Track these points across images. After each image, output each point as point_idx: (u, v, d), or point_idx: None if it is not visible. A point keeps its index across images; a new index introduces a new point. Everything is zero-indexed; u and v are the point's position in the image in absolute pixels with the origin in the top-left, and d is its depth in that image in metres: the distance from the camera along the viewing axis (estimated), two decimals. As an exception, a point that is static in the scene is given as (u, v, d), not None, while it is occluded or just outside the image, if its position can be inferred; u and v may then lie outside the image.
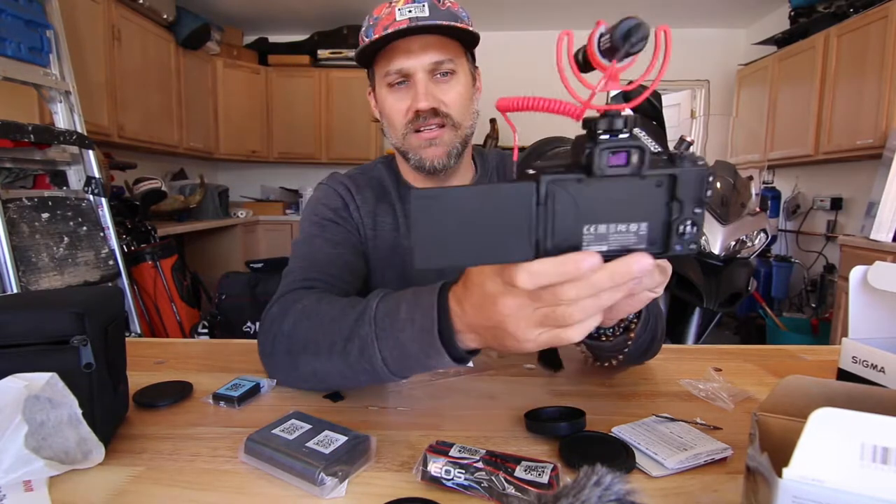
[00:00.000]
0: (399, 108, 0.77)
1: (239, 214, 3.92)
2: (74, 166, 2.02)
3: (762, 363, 0.80)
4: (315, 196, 0.86)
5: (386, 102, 0.79)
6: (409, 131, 0.78)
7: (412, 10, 0.73)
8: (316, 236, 0.80)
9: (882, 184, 2.58)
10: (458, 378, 0.71)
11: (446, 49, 0.75)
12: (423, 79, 0.75)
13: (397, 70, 0.75)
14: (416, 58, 0.74)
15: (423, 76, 0.75)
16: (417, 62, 0.74)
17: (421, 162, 0.79)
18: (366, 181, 0.87)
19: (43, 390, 0.45)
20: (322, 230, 0.80)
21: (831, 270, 3.17)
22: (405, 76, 0.76)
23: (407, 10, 0.73)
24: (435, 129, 0.77)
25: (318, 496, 0.44)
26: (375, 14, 0.76)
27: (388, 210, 0.85)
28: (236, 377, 0.68)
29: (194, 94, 3.72)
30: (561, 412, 0.57)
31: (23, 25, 1.78)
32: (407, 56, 0.74)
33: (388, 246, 0.84)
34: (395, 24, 0.73)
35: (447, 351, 0.47)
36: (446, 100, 0.76)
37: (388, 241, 0.84)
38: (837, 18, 2.99)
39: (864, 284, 0.65)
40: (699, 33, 4.38)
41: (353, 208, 0.84)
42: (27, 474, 0.42)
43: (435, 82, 0.76)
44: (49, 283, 1.69)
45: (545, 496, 0.33)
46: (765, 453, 0.33)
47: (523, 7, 3.93)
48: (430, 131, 0.77)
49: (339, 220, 0.82)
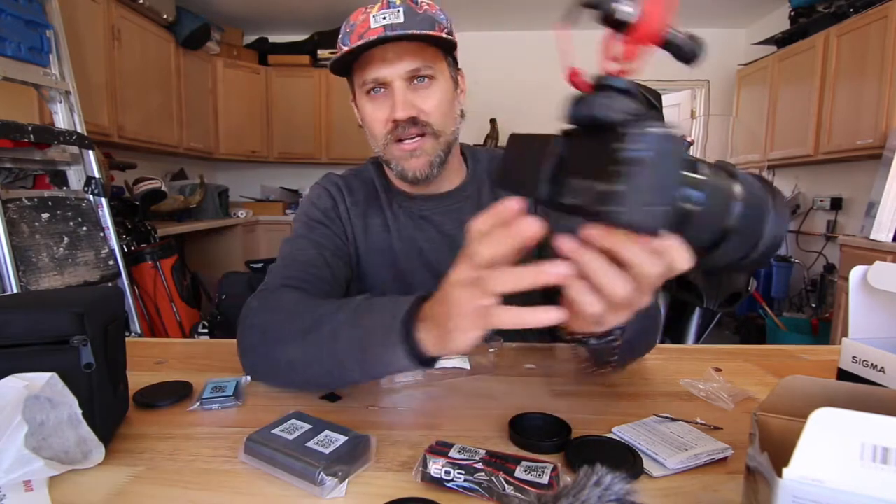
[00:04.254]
0: (378, 116, 0.76)
1: (239, 214, 3.92)
2: (74, 166, 2.02)
3: (762, 363, 0.80)
4: (307, 196, 0.87)
5: (365, 111, 0.78)
6: (390, 141, 0.76)
7: (387, 16, 0.71)
8: (302, 237, 0.80)
9: (882, 184, 2.58)
10: (458, 379, 0.71)
11: (423, 55, 0.74)
12: (401, 87, 0.73)
13: (373, 79, 0.74)
14: (392, 66, 0.73)
15: (401, 84, 0.73)
16: (393, 70, 0.73)
17: (403, 173, 0.78)
18: (358, 182, 0.87)
19: (43, 390, 0.45)
20: (309, 231, 0.81)
21: (831, 270, 3.17)
22: (382, 84, 0.75)
23: (382, 17, 0.71)
24: (416, 139, 0.75)
25: (318, 496, 0.44)
26: (352, 20, 0.75)
27: (378, 212, 0.85)
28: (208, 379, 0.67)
29: (194, 94, 3.71)
30: (545, 420, 0.56)
31: (23, 25, 1.77)
32: (382, 64, 0.73)
33: (379, 247, 0.84)
34: (370, 31, 0.71)
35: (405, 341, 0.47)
36: (425, 107, 0.75)
37: (379, 243, 0.84)
38: (837, 18, 2.99)
39: (864, 284, 0.65)
40: (699, 33, 4.30)
41: (342, 209, 0.84)
42: (27, 474, 0.42)
43: (413, 89, 0.74)
44: (49, 283, 1.69)
45: (545, 496, 0.33)
46: (765, 453, 0.33)
47: (521, 7, 3.93)
48: (410, 142, 0.75)
49: (327, 221, 0.82)
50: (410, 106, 0.73)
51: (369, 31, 0.71)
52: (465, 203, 0.84)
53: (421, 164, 0.76)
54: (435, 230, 0.83)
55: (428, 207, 0.84)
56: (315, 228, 0.81)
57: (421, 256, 0.83)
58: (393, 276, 0.84)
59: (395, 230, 0.84)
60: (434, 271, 0.83)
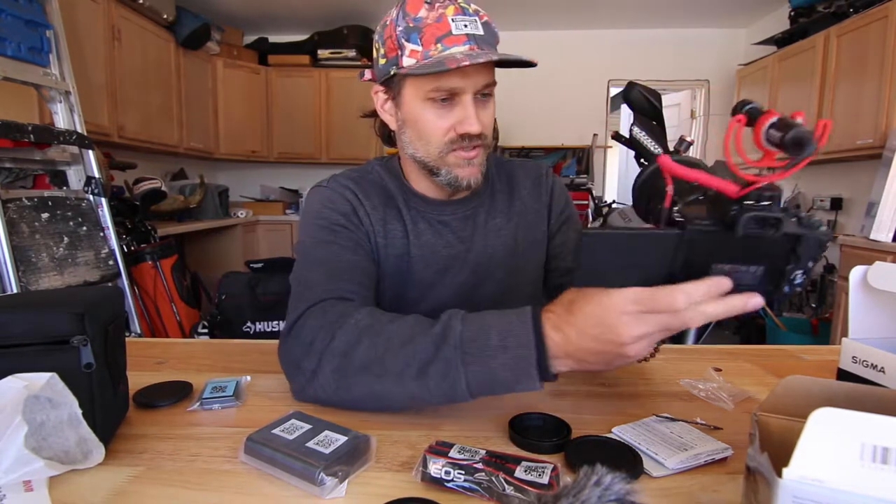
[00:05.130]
0: (441, 125, 0.72)
1: (239, 214, 3.92)
2: (74, 166, 2.02)
3: (762, 363, 0.80)
4: (318, 199, 0.79)
5: (424, 116, 0.73)
6: (448, 150, 0.73)
7: (467, 24, 0.68)
8: (331, 242, 0.74)
9: (882, 184, 2.58)
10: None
11: (492, 71, 0.72)
12: (471, 100, 0.71)
13: (450, 88, 0.70)
14: (471, 79, 0.69)
15: (471, 97, 0.71)
16: (471, 83, 0.70)
17: (457, 181, 0.75)
18: (370, 186, 0.82)
19: (43, 390, 0.45)
20: (335, 236, 0.75)
21: (831, 270, 3.17)
22: (453, 94, 0.71)
23: (462, 24, 0.68)
24: (474, 149, 0.74)
25: (318, 496, 0.44)
26: (413, 13, 0.69)
27: (397, 216, 0.81)
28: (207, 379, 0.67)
29: (194, 94, 3.71)
30: (545, 420, 0.57)
31: (23, 25, 1.77)
32: (463, 76, 0.68)
33: (398, 254, 0.80)
34: (451, 37, 0.67)
35: (540, 376, 0.51)
36: (486, 122, 0.73)
37: (399, 250, 0.80)
38: (837, 18, 2.99)
39: (864, 284, 0.65)
40: (699, 33, 4.38)
41: (362, 214, 0.79)
42: (27, 474, 0.42)
43: (477, 103, 0.72)
44: (49, 283, 1.69)
45: (545, 496, 0.33)
46: (765, 453, 0.33)
47: (521, 7, 3.92)
48: (468, 150, 0.74)
49: (350, 225, 0.77)
50: (480, 121, 0.72)
51: (451, 37, 0.68)
52: (480, 209, 0.83)
53: (475, 172, 0.75)
54: (453, 235, 0.81)
55: (447, 213, 0.81)
56: (340, 233, 0.76)
57: (438, 262, 0.80)
58: (407, 282, 0.81)
59: (413, 235, 0.80)
60: (449, 276, 0.81)
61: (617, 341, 0.47)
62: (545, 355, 0.50)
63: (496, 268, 0.82)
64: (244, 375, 0.69)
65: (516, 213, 0.85)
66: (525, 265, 0.85)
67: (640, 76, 4.10)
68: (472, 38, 0.68)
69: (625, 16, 4.09)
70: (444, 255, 0.81)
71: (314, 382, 0.60)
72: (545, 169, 0.91)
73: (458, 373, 0.52)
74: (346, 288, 0.68)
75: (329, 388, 0.60)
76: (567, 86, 4.49)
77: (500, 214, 0.84)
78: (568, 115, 4.51)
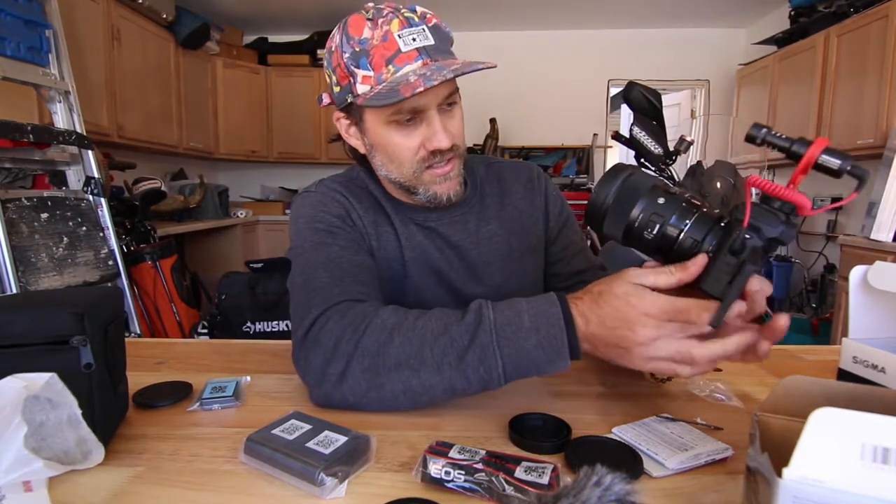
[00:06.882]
0: (409, 145, 0.70)
1: (239, 214, 3.92)
2: (74, 166, 2.02)
3: (762, 363, 0.80)
4: (310, 203, 0.77)
5: (391, 140, 0.70)
6: (421, 168, 0.71)
7: (415, 36, 0.65)
8: (331, 244, 0.72)
9: (882, 184, 2.58)
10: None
11: (453, 81, 0.69)
12: (436, 115, 0.68)
13: (411, 108, 0.67)
14: (432, 94, 0.66)
15: (435, 111, 0.68)
16: (433, 99, 0.67)
17: (436, 198, 0.73)
18: (358, 190, 0.80)
19: (43, 390, 0.44)
20: (334, 238, 0.73)
21: (831, 270, 3.17)
22: (415, 112, 0.68)
23: (410, 39, 0.65)
24: (447, 163, 0.72)
25: (318, 496, 0.44)
26: (357, 36, 0.66)
27: (387, 221, 0.80)
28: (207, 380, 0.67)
29: (194, 94, 3.71)
30: (545, 421, 0.57)
31: (22, 25, 1.77)
32: (422, 94, 0.64)
33: (392, 257, 0.79)
34: (401, 55, 0.65)
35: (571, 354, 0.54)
36: (455, 131, 0.71)
37: (392, 253, 0.79)
38: (837, 18, 2.99)
39: (864, 284, 0.65)
40: (699, 33, 4.38)
41: (355, 217, 0.77)
42: (27, 475, 0.42)
43: (442, 113, 0.70)
44: (49, 284, 1.69)
45: (545, 497, 0.33)
46: (765, 453, 0.33)
47: (520, 7, 3.92)
48: (442, 166, 0.72)
49: (346, 227, 0.75)
50: (449, 134, 0.69)
51: (401, 56, 0.65)
52: (470, 213, 0.82)
53: (453, 185, 0.74)
54: (443, 241, 0.80)
55: (433, 219, 0.80)
56: (338, 234, 0.74)
57: (432, 267, 0.80)
58: (403, 287, 0.80)
59: (405, 240, 0.79)
60: (445, 281, 0.80)
61: (632, 338, 0.51)
62: (575, 335, 0.54)
63: (493, 274, 0.81)
64: (244, 376, 0.69)
65: (508, 218, 0.84)
66: (521, 270, 0.84)
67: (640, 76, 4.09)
68: (424, 51, 0.65)
69: (625, 16, 4.09)
70: (438, 258, 0.80)
71: (342, 386, 0.59)
72: (536, 171, 0.90)
73: (494, 357, 0.55)
74: (356, 289, 0.66)
75: (359, 389, 0.58)
76: (567, 86, 4.49)
77: (492, 220, 0.83)
78: (568, 115, 4.51)
